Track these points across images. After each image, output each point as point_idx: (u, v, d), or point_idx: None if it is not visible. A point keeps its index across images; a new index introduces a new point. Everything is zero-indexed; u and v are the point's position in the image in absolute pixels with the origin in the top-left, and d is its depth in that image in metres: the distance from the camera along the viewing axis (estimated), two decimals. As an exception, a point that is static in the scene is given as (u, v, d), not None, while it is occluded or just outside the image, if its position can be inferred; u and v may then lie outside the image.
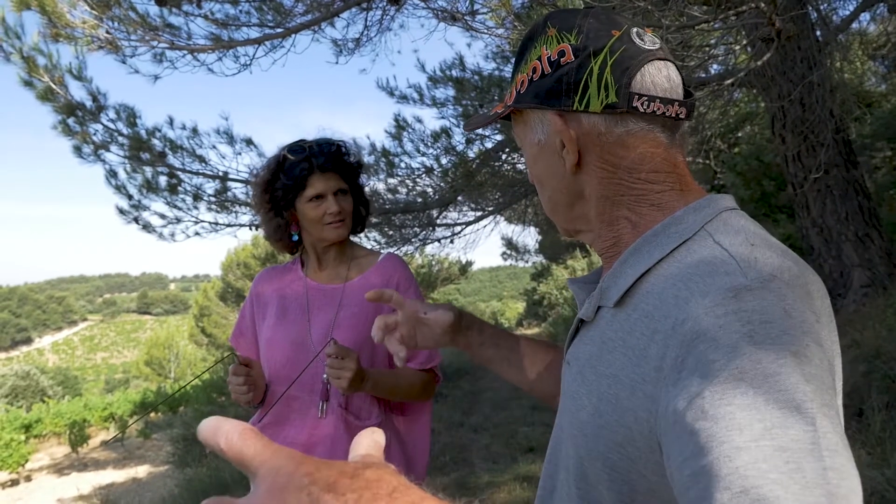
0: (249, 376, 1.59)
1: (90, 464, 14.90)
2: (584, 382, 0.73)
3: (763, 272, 0.60)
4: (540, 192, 0.85)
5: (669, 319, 0.62)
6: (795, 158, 5.13)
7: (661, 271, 0.69)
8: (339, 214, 1.63)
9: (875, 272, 4.98)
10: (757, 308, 0.56)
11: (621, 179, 0.75)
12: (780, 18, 2.66)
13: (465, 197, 7.56)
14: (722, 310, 0.57)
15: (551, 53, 0.76)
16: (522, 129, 0.83)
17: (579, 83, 0.73)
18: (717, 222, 0.70)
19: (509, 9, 3.21)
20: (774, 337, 0.54)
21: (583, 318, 0.79)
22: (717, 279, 0.60)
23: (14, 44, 4.83)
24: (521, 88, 0.80)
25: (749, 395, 0.51)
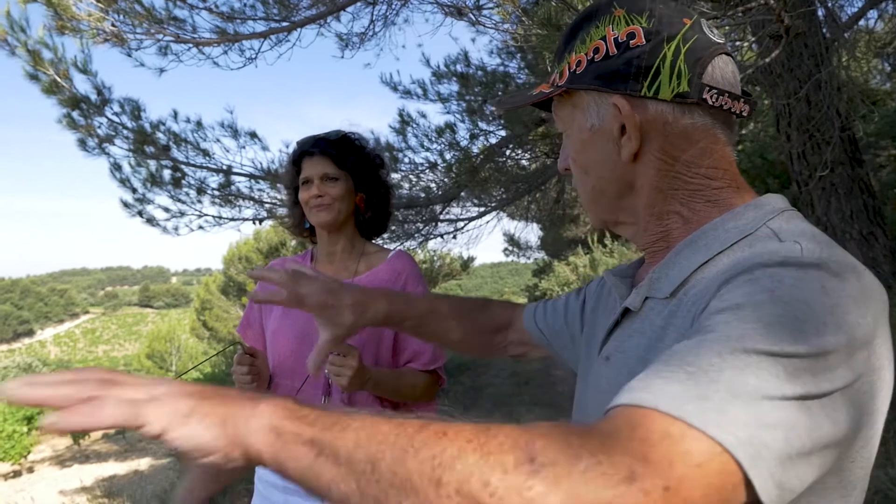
0: (254, 366, 1.59)
1: (92, 456, 14.96)
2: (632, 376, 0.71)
3: (814, 257, 0.57)
4: (581, 180, 0.80)
5: (715, 288, 0.60)
6: (800, 156, 5.11)
7: (717, 264, 0.66)
8: (319, 198, 1.63)
9: (879, 271, 4.97)
10: (796, 276, 0.55)
11: (679, 173, 0.72)
12: (788, 15, 2.65)
13: (468, 192, 7.55)
14: (760, 271, 0.56)
15: (619, 35, 0.71)
16: (570, 113, 0.78)
17: (650, 68, 0.70)
18: (780, 220, 0.67)
19: (516, 4, 3.20)
20: (795, 298, 0.53)
21: (629, 308, 0.76)
22: (769, 254, 0.59)
23: (19, 37, 4.83)
24: (577, 69, 0.75)
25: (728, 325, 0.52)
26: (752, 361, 0.49)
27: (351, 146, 1.69)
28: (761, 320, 0.51)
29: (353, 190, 1.69)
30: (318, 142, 1.66)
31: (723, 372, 0.48)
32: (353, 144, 1.70)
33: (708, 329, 0.53)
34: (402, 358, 1.67)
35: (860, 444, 0.59)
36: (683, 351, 0.52)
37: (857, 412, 0.53)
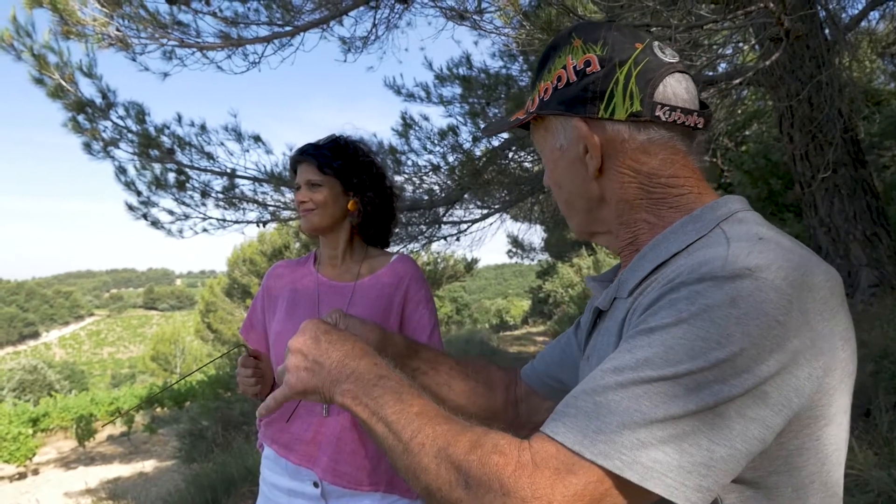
0: (258, 368, 1.61)
1: (97, 458, 15.00)
2: None
3: (738, 267, 0.62)
4: (557, 195, 0.88)
5: (652, 296, 0.68)
6: (803, 157, 5.11)
7: (674, 263, 0.72)
8: (302, 204, 1.66)
9: (883, 272, 4.96)
10: (708, 293, 0.61)
11: (641, 184, 0.79)
12: (788, 18, 2.66)
13: (471, 195, 7.56)
14: (684, 288, 0.63)
15: (577, 63, 0.79)
16: (543, 135, 0.86)
17: (605, 92, 0.77)
18: (732, 220, 0.73)
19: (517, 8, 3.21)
20: (697, 317, 0.61)
21: (600, 308, 0.83)
22: (698, 268, 0.65)
23: (25, 42, 4.87)
24: (544, 96, 0.83)
25: (640, 348, 0.62)
26: (648, 389, 0.59)
27: (339, 151, 1.68)
28: (665, 344, 0.60)
29: (340, 194, 1.68)
30: (307, 148, 1.69)
31: (621, 403, 0.59)
32: (341, 149, 1.69)
33: (626, 349, 0.63)
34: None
35: (805, 436, 0.63)
36: (600, 379, 0.62)
37: (781, 406, 0.60)
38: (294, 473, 1.62)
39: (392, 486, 1.60)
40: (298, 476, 1.62)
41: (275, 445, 1.66)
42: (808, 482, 0.65)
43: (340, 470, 1.57)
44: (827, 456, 0.66)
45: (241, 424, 8.93)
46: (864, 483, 2.76)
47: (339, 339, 0.82)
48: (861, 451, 2.88)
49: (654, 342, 0.61)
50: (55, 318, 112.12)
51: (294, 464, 1.61)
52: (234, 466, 5.92)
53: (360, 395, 0.74)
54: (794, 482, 0.65)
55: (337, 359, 0.79)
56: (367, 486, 1.58)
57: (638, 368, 0.60)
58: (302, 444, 1.61)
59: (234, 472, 5.76)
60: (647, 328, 0.63)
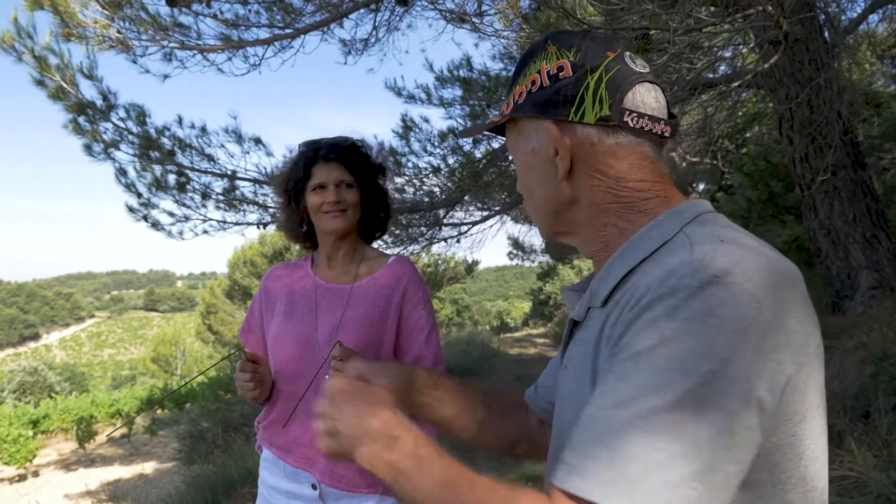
0: (256, 373, 1.60)
1: (97, 460, 15.00)
2: (580, 383, 0.78)
3: (707, 274, 0.64)
4: (527, 198, 0.90)
5: (630, 310, 0.69)
6: (803, 160, 5.12)
7: (642, 270, 0.73)
8: (337, 204, 1.63)
9: (883, 274, 4.96)
10: (683, 306, 0.63)
11: (609, 188, 0.80)
12: (787, 21, 2.66)
13: (471, 197, 7.57)
14: (658, 303, 0.65)
15: (550, 68, 0.81)
16: (516, 139, 0.88)
17: (576, 96, 0.79)
18: (695, 224, 0.75)
19: (517, 10, 3.22)
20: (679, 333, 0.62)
21: (575, 319, 0.85)
22: (668, 280, 0.66)
23: (26, 43, 4.88)
24: (518, 100, 0.85)
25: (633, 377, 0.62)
26: (657, 422, 0.59)
27: (359, 154, 1.71)
28: (656, 368, 0.61)
29: (361, 197, 1.70)
30: (333, 148, 1.67)
31: (638, 445, 0.58)
32: (360, 152, 1.72)
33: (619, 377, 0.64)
34: (404, 361, 1.69)
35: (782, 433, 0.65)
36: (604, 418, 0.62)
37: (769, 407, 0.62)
38: (292, 476, 1.63)
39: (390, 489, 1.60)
40: (297, 478, 1.62)
41: (273, 448, 1.67)
42: (786, 478, 0.67)
43: (338, 472, 1.57)
44: (803, 451, 0.67)
45: (242, 426, 8.93)
46: (864, 485, 2.76)
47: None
48: (860, 452, 2.88)
49: (644, 367, 0.62)
50: (56, 320, 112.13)
51: (292, 466, 1.62)
52: (234, 468, 5.92)
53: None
54: (773, 479, 0.66)
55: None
56: (364, 488, 1.58)
57: (639, 399, 0.60)
58: (300, 447, 1.62)
59: (234, 474, 5.76)
60: (633, 353, 0.64)
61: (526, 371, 9.61)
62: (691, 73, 3.62)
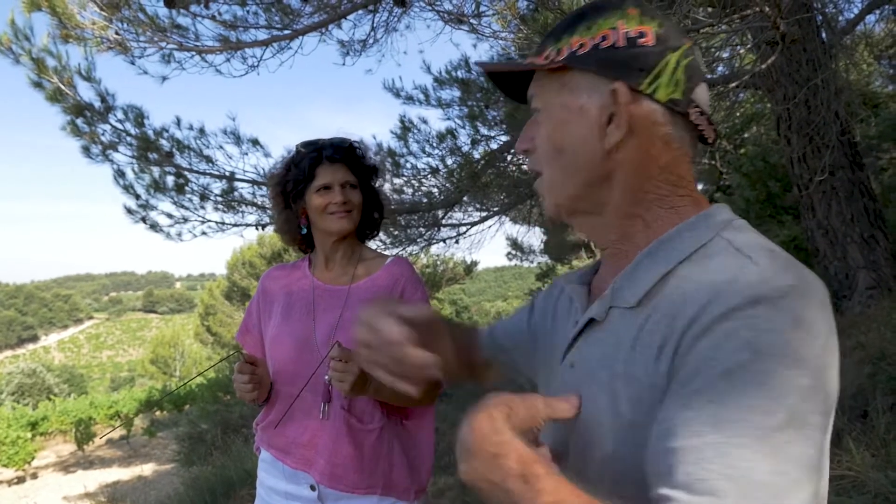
0: (254, 374, 1.60)
1: (96, 462, 14.98)
2: (598, 384, 0.73)
3: (782, 284, 0.62)
4: (551, 159, 0.80)
5: (686, 318, 0.64)
6: (801, 160, 5.12)
7: (680, 273, 0.70)
8: (343, 205, 1.63)
9: (880, 274, 4.97)
10: (768, 317, 0.60)
11: (651, 175, 0.75)
12: (784, 22, 2.67)
13: (470, 197, 7.57)
14: (736, 314, 0.60)
15: (630, 30, 0.74)
16: (557, 89, 0.78)
17: (654, 68, 0.73)
18: (731, 230, 0.72)
19: (515, 12, 3.22)
20: (773, 346, 0.58)
21: (595, 318, 0.78)
22: (739, 286, 0.63)
23: (24, 45, 4.88)
24: (578, 50, 0.76)
25: (732, 396, 0.57)
26: (774, 448, 0.55)
27: (360, 155, 1.72)
28: (757, 386, 0.57)
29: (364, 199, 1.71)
30: (338, 148, 1.67)
31: (761, 475, 0.54)
32: (360, 153, 1.73)
33: (712, 397, 0.58)
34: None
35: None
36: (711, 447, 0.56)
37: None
38: (291, 477, 1.63)
39: (389, 489, 1.60)
40: (295, 479, 1.62)
41: (272, 449, 1.67)
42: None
43: (337, 473, 1.57)
44: (824, 466, 0.65)
45: (241, 427, 8.93)
46: (862, 484, 2.76)
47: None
48: (858, 452, 2.88)
49: (742, 385, 0.58)
50: (54, 322, 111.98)
51: (291, 467, 1.62)
52: (233, 469, 5.92)
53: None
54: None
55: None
56: (363, 489, 1.58)
57: (748, 421, 0.56)
58: (299, 448, 1.62)
59: (233, 475, 5.76)
60: (723, 370, 0.59)
61: (525, 372, 9.58)
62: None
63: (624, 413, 0.69)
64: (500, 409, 0.68)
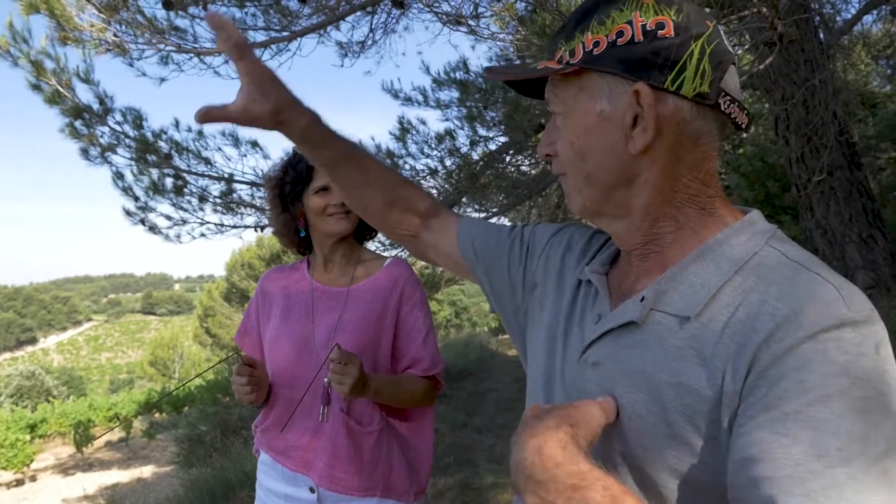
0: (253, 376, 1.60)
1: (95, 464, 14.96)
2: (638, 389, 0.69)
3: (863, 308, 0.61)
4: (575, 165, 0.76)
5: (762, 333, 0.61)
6: (799, 160, 5.13)
7: (736, 283, 0.66)
8: (342, 206, 1.63)
9: (879, 274, 4.98)
10: (856, 341, 0.58)
11: (681, 174, 0.71)
12: (782, 23, 2.67)
13: (469, 199, 7.57)
14: (824, 336, 0.58)
15: (648, 22, 0.68)
16: (575, 94, 0.73)
17: (677, 62, 0.67)
18: (778, 240, 0.69)
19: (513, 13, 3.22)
20: (868, 371, 0.56)
21: (636, 321, 0.72)
22: (821, 307, 0.60)
23: (22, 48, 4.88)
24: (594, 49, 0.70)
25: (832, 423, 0.54)
26: (878, 478, 0.53)
27: None
28: (855, 410, 0.55)
29: None
30: None
31: (870, 501, 0.52)
32: None
33: (810, 424, 0.55)
34: (401, 364, 1.69)
35: None
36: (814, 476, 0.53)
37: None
38: (290, 479, 1.63)
39: (388, 491, 1.60)
40: (295, 482, 1.62)
41: (271, 451, 1.67)
42: None
43: (336, 476, 1.57)
44: None
45: (240, 430, 8.92)
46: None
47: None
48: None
49: (842, 411, 0.55)
50: (53, 324, 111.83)
51: (290, 470, 1.62)
52: (232, 472, 5.91)
53: None
54: None
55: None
56: (362, 491, 1.58)
57: (851, 449, 0.54)
58: (298, 450, 1.61)
59: (233, 478, 5.75)
60: (821, 395, 0.56)
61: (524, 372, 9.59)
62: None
63: (675, 423, 0.65)
64: (566, 431, 0.62)
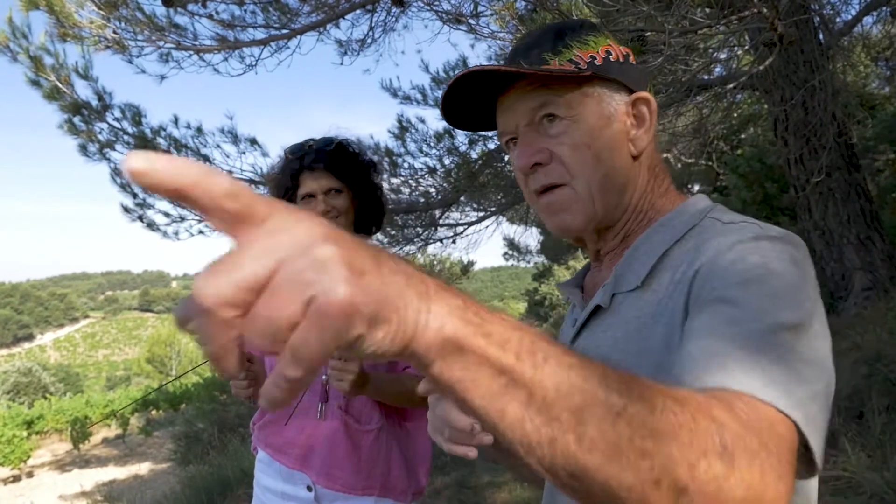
0: (250, 371, 1.59)
1: (92, 460, 14.95)
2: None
3: (777, 232, 0.68)
4: (593, 167, 0.77)
5: (694, 268, 0.68)
6: (798, 161, 5.14)
7: (676, 251, 0.75)
8: (327, 214, 1.61)
9: (876, 275, 4.99)
10: (774, 249, 0.65)
11: (654, 171, 0.84)
12: (781, 23, 2.68)
13: (467, 197, 7.57)
14: (742, 246, 0.66)
15: (620, 50, 0.81)
16: (580, 100, 0.77)
17: (647, 81, 0.84)
18: (717, 212, 0.77)
19: (513, 12, 3.22)
20: (781, 269, 0.63)
21: (600, 305, 0.79)
22: (736, 230, 0.70)
23: (21, 43, 4.87)
24: (598, 62, 0.78)
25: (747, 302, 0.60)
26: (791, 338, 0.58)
27: (347, 155, 1.69)
28: (782, 286, 0.62)
29: (353, 199, 1.69)
30: (317, 155, 1.64)
31: (791, 363, 0.56)
32: (349, 153, 1.70)
33: (734, 302, 0.61)
34: (401, 363, 1.69)
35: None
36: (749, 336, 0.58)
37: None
38: (288, 477, 1.62)
39: (386, 490, 1.60)
40: (292, 480, 1.62)
41: (268, 449, 1.66)
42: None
43: (334, 474, 1.57)
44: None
45: (237, 427, 8.92)
46: (857, 485, 2.77)
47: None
48: (854, 453, 2.90)
49: (768, 285, 0.62)
50: (50, 321, 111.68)
51: (288, 467, 1.61)
52: (229, 469, 5.92)
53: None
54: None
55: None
56: (360, 489, 1.58)
57: (769, 320, 0.59)
58: (295, 448, 1.61)
59: (230, 475, 5.75)
60: (746, 279, 0.63)
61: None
62: (687, 75, 3.64)
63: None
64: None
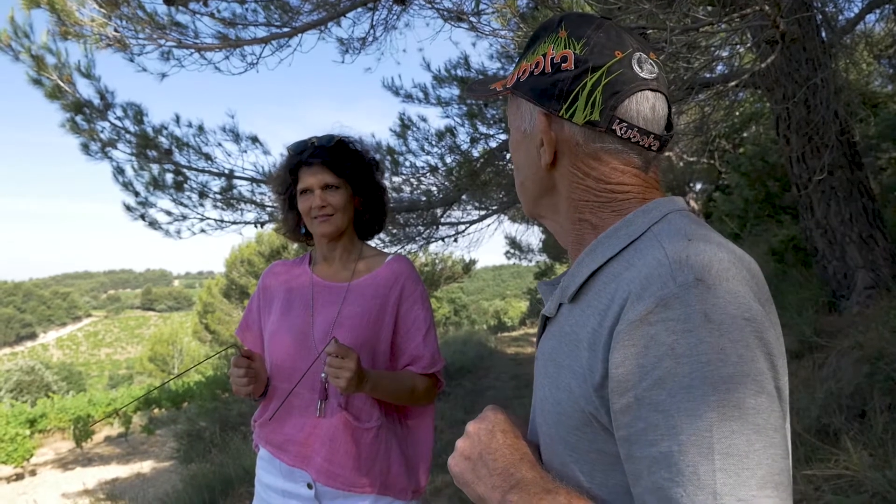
0: (251, 368, 1.60)
1: (95, 458, 14.97)
2: (546, 375, 0.79)
3: (689, 276, 0.64)
4: (515, 174, 0.90)
5: (611, 315, 0.68)
6: (800, 159, 5.12)
7: (610, 269, 0.74)
8: (322, 209, 1.63)
9: (879, 274, 4.97)
10: (682, 317, 0.62)
11: (589, 187, 0.80)
12: (784, 21, 2.67)
13: (469, 196, 7.56)
14: (652, 319, 0.63)
15: (556, 55, 0.79)
16: (515, 112, 0.87)
17: (570, 93, 0.77)
18: (663, 223, 0.74)
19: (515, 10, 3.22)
20: (692, 347, 0.61)
21: (546, 315, 0.85)
22: (651, 285, 0.65)
23: (23, 43, 4.87)
24: (522, 76, 0.83)
25: (667, 403, 0.60)
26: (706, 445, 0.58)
27: (348, 152, 1.70)
28: (683, 388, 0.60)
29: (352, 195, 1.70)
30: (316, 151, 1.66)
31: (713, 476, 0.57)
32: (349, 150, 1.71)
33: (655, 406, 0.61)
34: (401, 361, 1.68)
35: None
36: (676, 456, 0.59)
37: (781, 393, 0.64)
38: (288, 474, 1.62)
39: (386, 488, 1.60)
40: (292, 477, 1.62)
41: (269, 446, 1.67)
42: None
43: (334, 471, 1.57)
44: (788, 450, 0.66)
45: (239, 425, 8.93)
46: (859, 484, 2.76)
47: (514, 442, 0.80)
48: (856, 451, 2.89)
49: (676, 391, 0.61)
50: (52, 319, 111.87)
51: (288, 465, 1.62)
52: (231, 467, 5.92)
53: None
54: None
55: (503, 465, 0.76)
56: (360, 487, 1.58)
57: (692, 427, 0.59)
58: (296, 446, 1.61)
59: (232, 473, 5.76)
60: (657, 379, 0.62)
61: (522, 370, 9.62)
62: (688, 73, 3.63)
63: (561, 401, 0.74)
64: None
